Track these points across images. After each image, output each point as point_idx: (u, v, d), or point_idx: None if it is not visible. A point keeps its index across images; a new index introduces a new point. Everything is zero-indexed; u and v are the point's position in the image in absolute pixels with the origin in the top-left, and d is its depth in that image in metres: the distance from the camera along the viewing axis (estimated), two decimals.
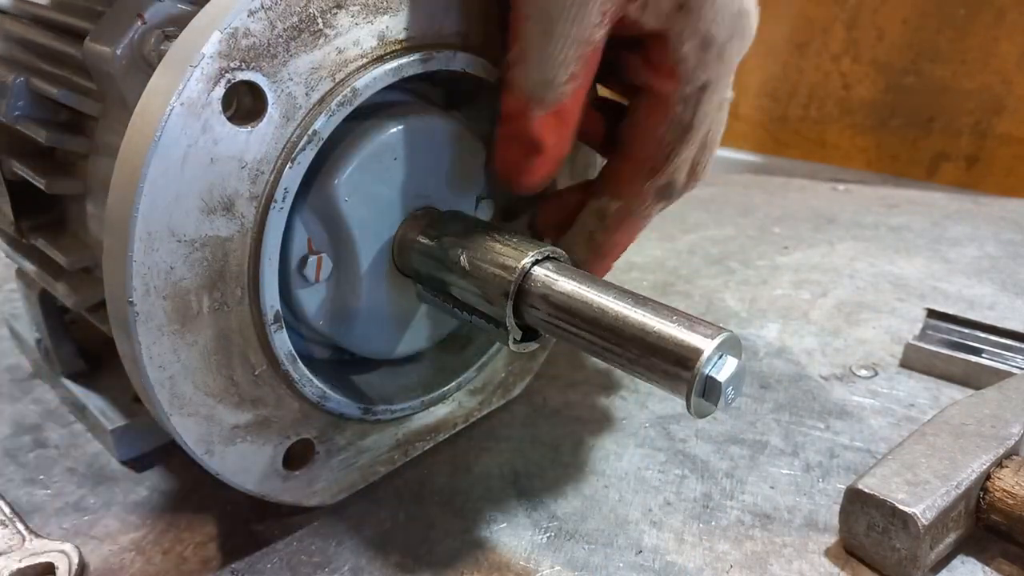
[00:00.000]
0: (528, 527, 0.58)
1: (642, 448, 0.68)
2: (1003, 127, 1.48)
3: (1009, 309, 0.96)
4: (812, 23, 1.63)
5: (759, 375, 0.80)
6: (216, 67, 0.39)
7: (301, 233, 0.50)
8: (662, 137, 0.51)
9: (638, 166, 0.52)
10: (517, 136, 0.49)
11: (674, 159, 0.52)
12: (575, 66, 0.46)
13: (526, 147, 0.49)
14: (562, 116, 0.48)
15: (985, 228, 1.25)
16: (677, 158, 0.52)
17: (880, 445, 0.69)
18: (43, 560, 0.51)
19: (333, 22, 0.43)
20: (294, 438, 0.52)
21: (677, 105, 0.50)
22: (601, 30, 0.46)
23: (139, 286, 0.40)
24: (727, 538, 0.58)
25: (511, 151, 0.50)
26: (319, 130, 0.44)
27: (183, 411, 0.45)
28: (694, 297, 0.97)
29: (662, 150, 0.51)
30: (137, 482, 0.62)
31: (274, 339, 0.47)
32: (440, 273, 0.52)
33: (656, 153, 0.51)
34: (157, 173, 0.39)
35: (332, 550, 0.56)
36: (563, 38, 0.45)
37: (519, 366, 0.69)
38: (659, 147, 0.51)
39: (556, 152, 0.50)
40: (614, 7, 0.46)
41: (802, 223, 1.25)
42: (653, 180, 0.52)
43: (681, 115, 0.50)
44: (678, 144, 0.51)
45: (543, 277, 0.47)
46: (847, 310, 0.95)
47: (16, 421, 0.70)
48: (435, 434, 0.64)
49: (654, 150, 0.51)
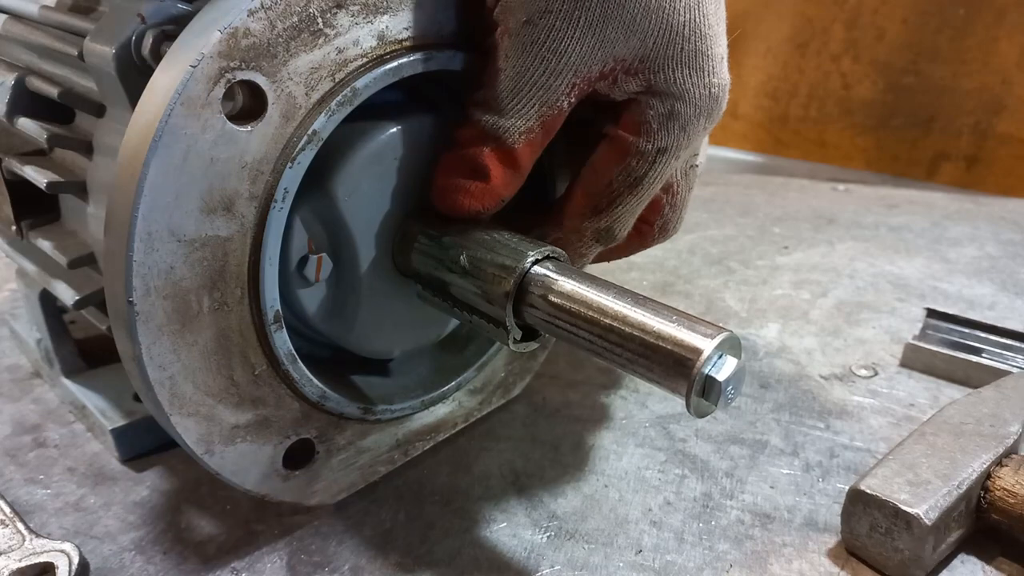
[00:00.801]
0: (528, 527, 0.58)
1: (642, 448, 0.68)
2: (1003, 127, 1.48)
3: (1009, 309, 0.96)
4: (812, 23, 1.63)
5: (759, 375, 0.80)
6: (216, 67, 0.39)
7: (301, 233, 0.50)
8: (611, 182, 0.52)
9: (583, 203, 0.53)
10: (465, 159, 0.50)
11: (617, 207, 0.53)
12: (535, 124, 0.48)
13: (471, 172, 0.50)
14: (512, 159, 0.49)
15: (985, 228, 1.25)
16: (621, 207, 0.53)
17: (880, 445, 0.69)
18: (43, 560, 0.51)
19: (333, 22, 0.43)
20: (294, 438, 0.52)
21: (632, 157, 0.51)
22: (567, 100, 0.48)
23: (139, 286, 0.40)
24: (727, 538, 0.58)
25: (455, 172, 0.50)
26: (319, 130, 0.44)
27: (183, 411, 0.45)
28: (694, 297, 0.97)
29: (608, 194, 0.52)
30: (137, 482, 0.62)
31: (274, 339, 0.47)
32: (440, 273, 0.52)
33: (602, 195, 0.52)
34: (157, 173, 0.39)
35: (332, 550, 0.56)
36: (529, 99, 0.48)
37: (519, 366, 0.69)
38: (606, 190, 0.52)
39: (499, 187, 0.50)
40: (583, 84, 0.48)
41: (802, 223, 1.25)
42: (593, 221, 0.53)
43: (634, 168, 0.51)
44: (625, 194, 0.52)
45: (543, 277, 0.47)
46: (847, 310, 0.95)
47: (16, 421, 0.70)
48: (435, 434, 0.64)
49: (601, 192, 0.52)
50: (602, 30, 0.46)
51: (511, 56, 0.47)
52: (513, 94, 0.48)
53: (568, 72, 0.47)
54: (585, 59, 0.47)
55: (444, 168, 0.51)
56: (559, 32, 0.46)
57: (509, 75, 0.48)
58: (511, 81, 0.48)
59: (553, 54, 0.47)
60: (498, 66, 0.48)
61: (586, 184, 0.53)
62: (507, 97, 0.48)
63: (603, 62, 0.47)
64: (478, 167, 0.49)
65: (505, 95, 0.48)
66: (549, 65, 0.47)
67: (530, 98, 0.48)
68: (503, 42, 0.48)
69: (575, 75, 0.47)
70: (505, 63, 0.48)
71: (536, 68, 0.47)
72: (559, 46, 0.46)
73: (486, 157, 0.49)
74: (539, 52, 0.47)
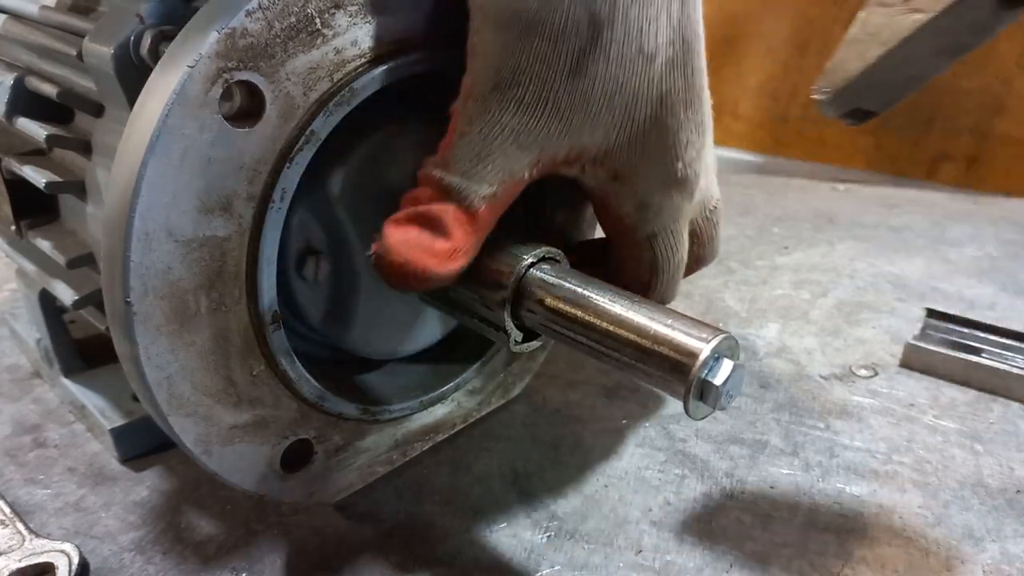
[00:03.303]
0: (528, 527, 0.58)
1: (642, 448, 0.68)
2: (1003, 127, 1.47)
3: (1009, 309, 0.96)
4: (812, 23, 1.63)
5: (759, 375, 0.80)
6: (214, 67, 0.39)
7: (299, 233, 0.50)
8: (635, 272, 0.54)
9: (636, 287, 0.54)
10: (426, 218, 0.46)
11: (655, 288, 0.54)
12: (497, 190, 0.47)
13: (432, 230, 0.46)
14: (473, 219, 0.46)
15: (985, 228, 1.25)
16: (658, 287, 0.54)
17: (880, 445, 0.69)
18: (43, 560, 0.51)
19: (331, 22, 0.43)
20: (292, 438, 0.52)
21: (634, 247, 0.53)
22: (527, 172, 0.47)
23: (137, 286, 0.40)
24: (727, 538, 0.58)
25: (413, 230, 0.46)
26: (317, 130, 0.44)
27: (181, 411, 0.45)
28: (694, 297, 0.97)
29: (641, 281, 0.54)
30: (137, 482, 0.63)
31: (272, 339, 0.47)
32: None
33: (637, 283, 0.54)
34: (155, 173, 0.39)
35: (332, 550, 0.56)
36: (492, 166, 0.46)
37: (518, 366, 0.69)
38: (637, 279, 0.54)
39: (463, 248, 0.46)
40: (548, 163, 0.47)
41: (802, 223, 1.25)
42: (651, 294, 0.55)
43: (642, 255, 0.53)
44: (652, 277, 0.54)
45: (540, 280, 0.47)
46: (847, 310, 0.95)
47: (16, 421, 0.70)
48: (434, 434, 0.64)
49: (634, 281, 0.54)
50: (568, 118, 0.46)
51: (475, 121, 0.46)
52: (477, 159, 0.46)
53: (534, 149, 0.46)
54: (551, 142, 0.46)
55: (398, 226, 0.46)
56: (527, 108, 0.45)
57: (474, 139, 0.46)
58: (475, 146, 0.46)
59: (521, 128, 0.45)
60: (462, 128, 0.46)
61: (621, 277, 0.54)
62: (470, 161, 0.46)
63: (568, 148, 0.47)
64: (440, 225, 0.46)
65: (468, 158, 0.46)
66: (516, 139, 0.46)
67: (494, 166, 0.46)
68: (467, 105, 0.46)
69: (541, 152, 0.47)
70: (469, 127, 0.46)
71: (501, 138, 0.46)
72: (527, 122, 0.45)
73: (450, 216, 0.46)
74: (506, 122, 0.45)
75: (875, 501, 0.62)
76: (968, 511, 0.61)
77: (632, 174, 0.49)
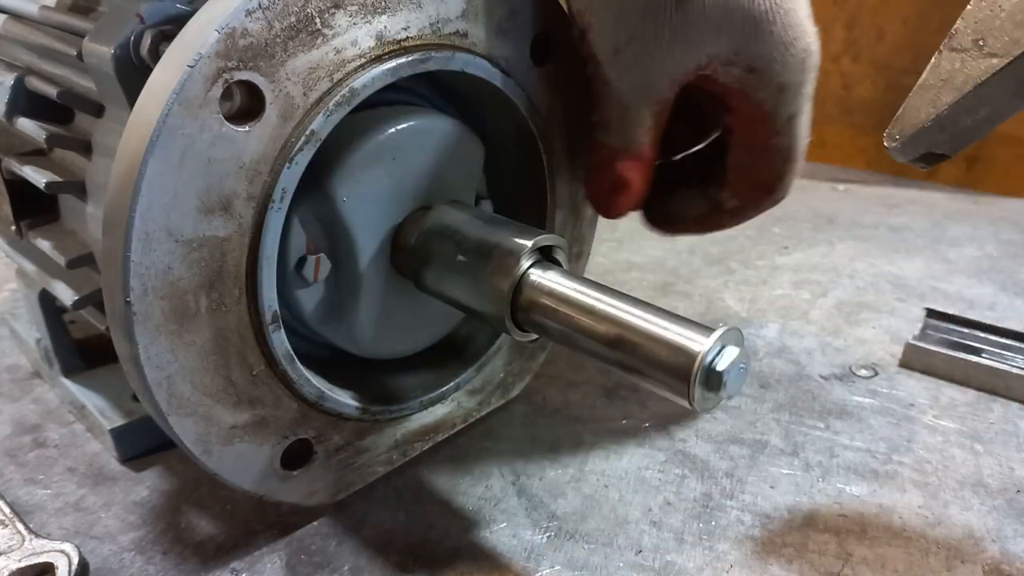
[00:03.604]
0: (528, 527, 0.58)
1: (642, 448, 0.68)
2: (1003, 127, 1.46)
3: (1009, 309, 0.96)
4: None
5: (759, 375, 0.80)
6: (214, 67, 0.39)
7: (299, 233, 0.50)
8: (770, 165, 0.57)
9: (758, 188, 0.59)
10: (608, 177, 0.56)
11: (786, 179, 0.58)
12: (649, 124, 0.54)
13: (615, 185, 0.56)
14: (643, 158, 0.55)
15: (985, 228, 1.25)
16: (788, 178, 0.58)
17: (880, 445, 0.69)
18: (43, 560, 0.51)
19: (331, 22, 0.43)
20: (292, 438, 0.52)
21: (773, 136, 0.55)
22: (671, 93, 0.52)
23: (137, 286, 0.40)
24: (727, 538, 0.58)
25: (601, 187, 0.57)
26: (317, 130, 0.44)
27: (181, 411, 0.45)
28: (694, 297, 0.97)
29: (776, 174, 0.58)
30: (137, 482, 0.62)
31: (272, 339, 0.47)
32: (439, 274, 0.52)
33: (770, 180, 0.58)
34: (155, 173, 0.39)
35: (332, 550, 0.56)
36: (638, 110, 0.53)
37: (518, 366, 0.69)
38: (772, 172, 0.57)
39: (639, 188, 0.56)
40: (682, 78, 0.52)
41: (802, 223, 1.25)
42: (771, 195, 0.59)
43: (780, 143, 0.56)
44: (787, 165, 0.57)
45: (539, 282, 0.47)
46: (847, 310, 0.95)
47: (16, 421, 0.70)
48: (434, 434, 0.64)
49: (768, 178, 0.58)
50: (688, 37, 0.50)
51: (610, 80, 0.52)
52: (624, 110, 0.53)
53: (665, 77, 0.51)
54: (679, 63, 0.51)
55: (592, 188, 0.58)
56: (648, 52, 0.50)
57: (614, 97, 0.53)
58: (618, 100, 0.53)
59: (649, 69, 0.51)
60: (601, 91, 0.53)
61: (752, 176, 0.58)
62: (619, 115, 0.53)
63: (697, 60, 0.51)
64: (619, 181, 0.56)
65: (617, 113, 0.53)
66: (647, 78, 0.51)
67: (639, 108, 0.53)
68: (598, 71, 0.52)
69: (672, 77, 0.51)
70: (606, 87, 0.53)
71: (636, 85, 0.52)
72: (652, 62, 0.50)
73: (622, 170, 0.55)
74: (635, 72, 0.51)
75: (875, 501, 0.62)
76: (968, 511, 0.61)
77: (766, 63, 0.52)
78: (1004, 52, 0.43)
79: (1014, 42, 0.43)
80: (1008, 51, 0.43)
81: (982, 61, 0.44)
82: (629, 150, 0.55)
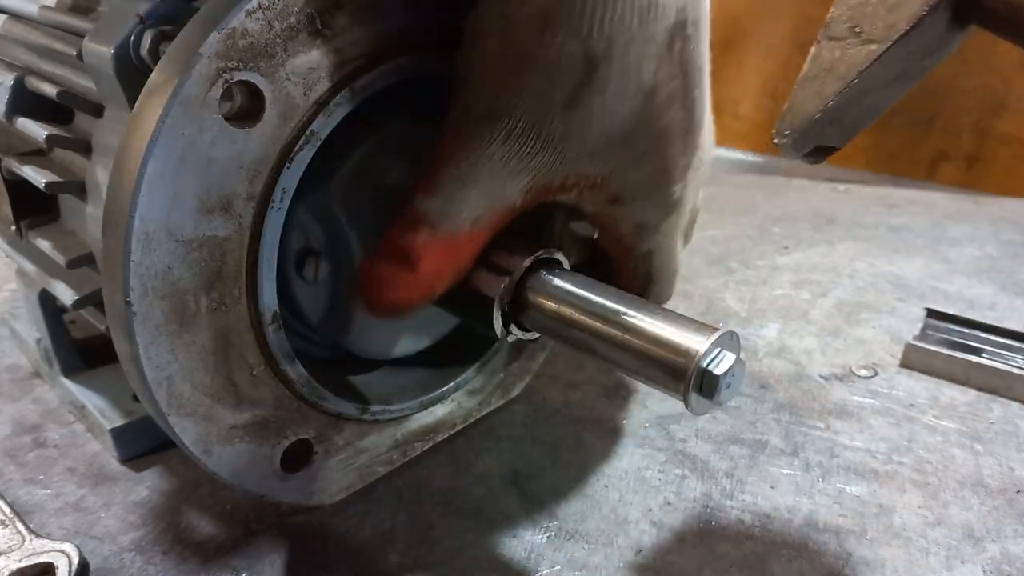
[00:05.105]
0: (528, 527, 0.58)
1: (642, 448, 0.68)
2: (1003, 127, 1.47)
3: (1009, 309, 0.96)
4: (812, 23, 1.62)
5: (759, 375, 0.80)
6: (214, 67, 0.39)
7: (299, 233, 0.50)
8: (631, 284, 0.55)
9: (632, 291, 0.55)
10: (395, 248, 0.46)
11: (650, 297, 0.56)
12: (483, 214, 0.46)
13: (399, 260, 0.46)
14: (452, 247, 0.46)
15: (985, 228, 1.25)
16: (652, 296, 0.56)
17: (880, 445, 0.69)
18: (43, 560, 0.51)
19: (331, 22, 0.43)
20: (292, 438, 0.52)
21: (632, 263, 0.54)
22: (519, 199, 0.46)
23: (137, 286, 0.40)
24: (727, 538, 0.58)
25: (382, 261, 0.47)
26: (317, 130, 0.44)
27: (181, 411, 0.45)
28: (694, 297, 0.97)
29: (640, 292, 0.55)
30: (137, 482, 0.62)
31: (272, 339, 0.47)
32: None
33: (635, 290, 0.54)
34: (155, 173, 0.39)
35: (332, 550, 0.56)
36: (480, 189, 0.45)
37: (518, 366, 0.69)
38: (637, 291, 0.54)
39: (428, 280, 0.46)
40: (541, 190, 0.47)
41: (802, 223, 1.25)
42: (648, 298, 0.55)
43: (638, 270, 0.54)
44: (648, 286, 0.56)
45: (538, 282, 0.47)
46: (847, 310, 0.95)
47: (16, 421, 0.70)
48: (434, 434, 0.64)
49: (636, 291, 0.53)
50: (563, 148, 0.45)
51: (464, 145, 0.45)
52: (461, 183, 0.45)
53: (526, 176, 0.45)
54: (545, 170, 0.45)
55: (374, 255, 0.47)
56: (518, 137, 0.44)
57: (460, 163, 0.45)
58: (461, 169, 0.45)
59: (511, 155, 0.44)
60: (450, 151, 0.45)
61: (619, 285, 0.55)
62: (453, 183, 0.45)
63: (564, 176, 0.46)
64: (406, 255, 0.45)
65: (452, 181, 0.45)
66: (506, 165, 0.44)
67: (479, 190, 0.45)
68: (457, 128, 0.45)
69: (533, 180, 0.45)
70: (457, 150, 0.45)
71: (491, 164, 0.44)
72: (518, 150, 0.44)
73: (417, 245, 0.45)
74: (495, 150, 0.44)
75: (875, 501, 0.62)
76: (968, 511, 0.61)
77: (630, 199, 0.50)
78: (881, 37, 0.43)
79: (889, 26, 0.43)
80: (885, 36, 0.43)
81: (861, 48, 0.43)
82: (442, 226, 0.45)
